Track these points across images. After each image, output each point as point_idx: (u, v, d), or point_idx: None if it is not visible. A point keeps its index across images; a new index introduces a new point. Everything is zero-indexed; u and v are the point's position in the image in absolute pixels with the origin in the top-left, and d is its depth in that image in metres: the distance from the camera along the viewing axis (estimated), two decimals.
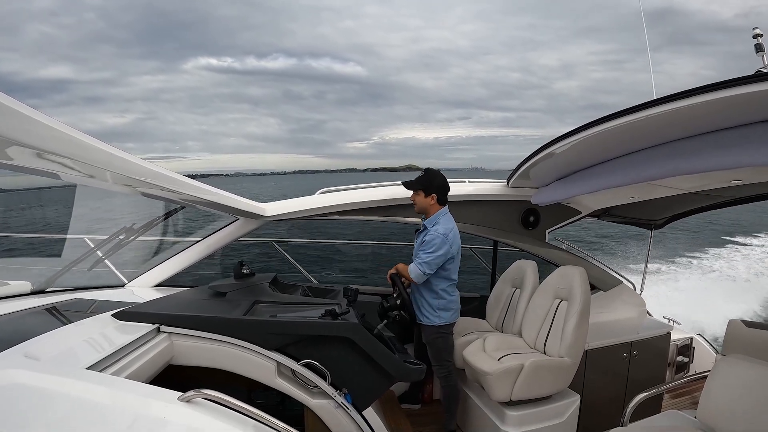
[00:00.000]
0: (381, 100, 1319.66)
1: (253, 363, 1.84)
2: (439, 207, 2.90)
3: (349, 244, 10.65)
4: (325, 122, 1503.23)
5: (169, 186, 2.02)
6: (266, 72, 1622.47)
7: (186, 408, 1.08)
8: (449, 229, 2.82)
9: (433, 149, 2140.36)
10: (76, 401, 1.06)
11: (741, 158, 1.75)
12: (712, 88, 1.54)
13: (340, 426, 1.87)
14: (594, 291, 3.73)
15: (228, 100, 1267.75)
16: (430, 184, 2.86)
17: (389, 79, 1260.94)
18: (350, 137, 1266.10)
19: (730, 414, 1.91)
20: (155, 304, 2.15)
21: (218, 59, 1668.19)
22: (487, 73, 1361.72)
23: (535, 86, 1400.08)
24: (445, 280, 2.90)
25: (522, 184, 3.48)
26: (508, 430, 2.60)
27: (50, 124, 1.20)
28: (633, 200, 3.15)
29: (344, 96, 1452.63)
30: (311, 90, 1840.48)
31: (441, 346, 2.95)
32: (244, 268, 2.68)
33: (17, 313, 1.95)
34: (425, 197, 2.87)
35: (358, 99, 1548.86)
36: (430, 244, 2.77)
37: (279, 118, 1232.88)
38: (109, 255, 2.83)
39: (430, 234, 2.80)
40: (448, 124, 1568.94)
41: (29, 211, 18.41)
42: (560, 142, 2.42)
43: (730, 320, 2.70)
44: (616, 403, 3.04)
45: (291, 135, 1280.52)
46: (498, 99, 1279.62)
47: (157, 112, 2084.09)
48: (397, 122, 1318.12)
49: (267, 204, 3.22)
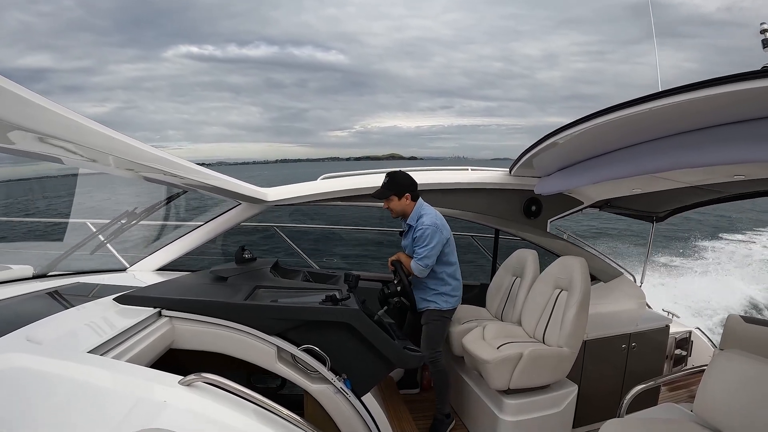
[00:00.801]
0: (363, 88, 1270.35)
1: (254, 347, 1.85)
2: (414, 203, 2.94)
3: (350, 230, 10.67)
4: (307, 111, 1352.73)
5: (172, 170, 2.01)
6: (248, 60, 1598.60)
7: (186, 392, 1.09)
8: (434, 217, 2.87)
9: (415, 138, 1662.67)
10: (77, 385, 1.07)
11: (744, 154, 1.73)
12: (718, 83, 1.52)
13: (339, 411, 1.89)
14: (594, 282, 3.73)
15: (209, 89, 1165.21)
16: (399, 186, 2.90)
17: (372, 68, 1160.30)
18: (332, 126, 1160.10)
19: (727, 408, 1.92)
20: (157, 289, 2.16)
21: (199, 47, 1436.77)
22: (469, 63, 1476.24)
23: (518, 76, 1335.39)
24: (445, 265, 2.94)
25: (525, 173, 3.47)
26: (506, 418, 2.62)
27: (53, 108, 1.20)
28: (635, 192, 3.14)
29: (326, 84, 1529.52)
30: (293, 78, 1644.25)
31: (437, 331, 2.99)
32: (245, 252, 2.69)
33: (19, 297, 1.96)
34: (399, 200, 2.90)
35: (340, 87, 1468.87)
36: (423, 238, 2.80)
37: (261, 107, 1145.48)
38: (110, 239, 2.84)
39: (420, 229, 2.83)
40: (430, 113, 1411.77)
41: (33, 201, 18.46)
42: (564, 132, 2.40)
43: (729, 315, 2.71)
44: (614, 395, 3.06)
45: (273, 123, 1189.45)
46: (480, 88, 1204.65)
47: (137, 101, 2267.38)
48: (379, 111, 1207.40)
49: (269, 189, 3.22)
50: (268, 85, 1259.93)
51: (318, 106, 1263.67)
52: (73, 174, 2.67)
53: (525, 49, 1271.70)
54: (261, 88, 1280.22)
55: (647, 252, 4.41)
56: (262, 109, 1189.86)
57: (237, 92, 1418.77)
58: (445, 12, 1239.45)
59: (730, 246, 14.63)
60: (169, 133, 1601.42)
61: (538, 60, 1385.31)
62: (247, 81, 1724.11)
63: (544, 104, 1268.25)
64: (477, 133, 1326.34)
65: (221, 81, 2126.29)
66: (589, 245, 4.10)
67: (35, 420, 0.91)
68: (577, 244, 3.94)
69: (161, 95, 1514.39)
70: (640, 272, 4.23)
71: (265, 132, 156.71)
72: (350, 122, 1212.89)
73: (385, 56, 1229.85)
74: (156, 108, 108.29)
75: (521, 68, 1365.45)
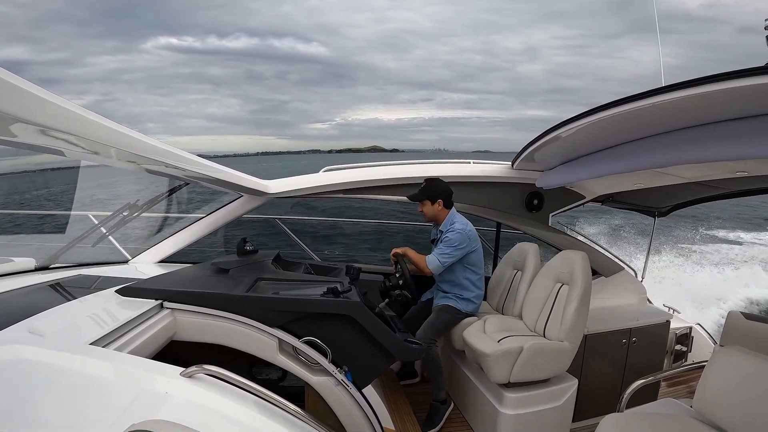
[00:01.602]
0: (344, 80, 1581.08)
1: (255, 339, 1.86)
2: (447, 211, 3.09)
3: (352, 222, 10.67)
4: (287, 103, 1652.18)
5: (174, 162, 2.01)
6: (228, 52, 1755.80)
7: (188, 383, 1.10)
8: (465, 224, 3.03)
9: (396, 130, 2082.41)
10: (79, 376, 1.08)
11: (747, 150, 1.73)
12: (722, 78, 1.51)
13: (339, 403, 1.90)
14: (595, 276, 3.73)
15: (188, 81, 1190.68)
16: (433, 191, 3.04)
17: (352, 60, 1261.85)
18: (312, 118, 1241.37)
19: (726, 405, 1.92)
20: (158, 281, 2.16)
21: (179, 38, 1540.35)
22: (450, 55, 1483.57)
23: (499, 69, 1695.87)
24: (471, 272, 3.09)
25: (527, 167, 3.46)
26: (506, 411, 2.63)
27: (54, 101, 1.20)
28: (638, 187, 3.13)
29: (307, 76, 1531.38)
30: (273, 70, 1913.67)
31: (444, 323, 3.05)
32: (247, 245, 2.70)
33: (22, 289, 1.97)
34: (432, 205, 3.05)
35: (320, 79, 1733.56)
36: (450, 239, 2.95)
37: (240, 99, 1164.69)
38: (112, 231, 2.84)
39: (450, 231, 2.98)
40: (410, 105, 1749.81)
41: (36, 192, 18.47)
42: (567, 126, 2.39)
43: (729, 311, 2.71)
44: (613, 389, 3.07)
45: (253, 116, 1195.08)
46: (461, 81, 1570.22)
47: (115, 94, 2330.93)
48: (359, 103, 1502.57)
49: (271, 181, 3.21)
50: (249, 77, 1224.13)
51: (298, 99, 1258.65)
52: (75, 166, 2.67)
53: (506, 42, 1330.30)
54: (241, 80, 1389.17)
55: (648, 247, 4.40)
56: (242, 102, 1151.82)
57: (217, 84, 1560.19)
58: (427, 4, 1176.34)
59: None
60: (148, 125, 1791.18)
61: (519, 53, 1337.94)
62: (227, 73, 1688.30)
63: (525, 97, 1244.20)
64: (458, 126, 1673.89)
65: (201, 73, 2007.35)
66: (590, 239, 4.10)
67: (38, 412, 0.92)
68: (578, 239, 3.93)
69: (140, 87, 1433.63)
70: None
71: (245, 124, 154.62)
72: (331, 114, 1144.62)
73: (366, 48, 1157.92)
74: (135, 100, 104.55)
75: (502, 61, 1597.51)
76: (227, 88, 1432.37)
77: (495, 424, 2.68)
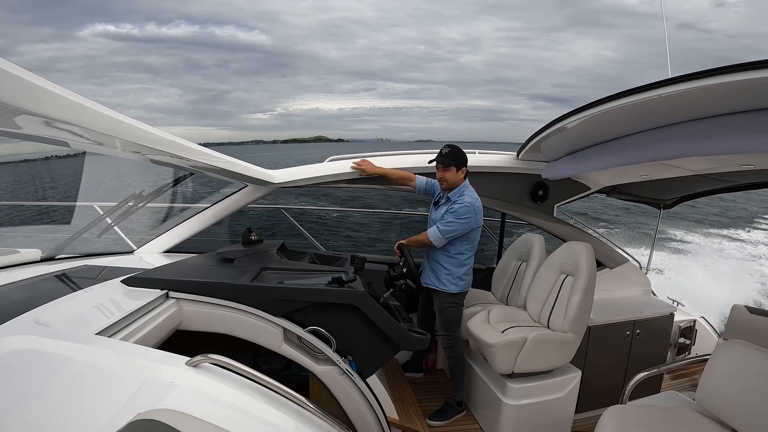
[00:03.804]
0: (286, 70, 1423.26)
1: (260, 329, 1.87)
2: (464, 180, 2.92)
3: (356, 212, 10.66)
4: (228, 93, 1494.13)
5: (178, 153, 2.01)
6: (167, 39, 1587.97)
7: (193, 372, 1.10)
8: (476, 200, 2.85)
9: (339, 120, 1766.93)
10: (86, 366, 1.09)
11: (754, 143, 1.70)
12: (729, 71, 1.49)
13: (344, 392, 1.92)
14: (600, 268, 3.72)
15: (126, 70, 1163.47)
16: (462, 158, 2.85)
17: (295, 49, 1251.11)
18: (254, 108, 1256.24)
19: (729, 398, 1.92)
20: (164, 270, 2.17)
21: (116, 26, 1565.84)
22: (393, 45, 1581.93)
23: (441, 59, 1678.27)
24: (466, 248, 2.92)
25: (532, 158, 3.43)
26: (509, 402, 2.65)
27: (59, 92, 1.20)
28: (643, 179, 3.10)
29: (248, 65, 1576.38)
30: (214, 59, 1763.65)
31: (452, 315, 2.99)
32: (252, 234, 2.70)
33: (28, 280, 1.98)
34: (457, 172, 2.85)
35: (262, 69, 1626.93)
36: (458, 212, 2.78)
37: (180, 89, 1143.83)
38: (118, 222, 2.85)
39: (459, 204, 2.81)
40: (353, 95, 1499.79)
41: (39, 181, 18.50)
42: (573, 117, 2.37)
43: (733, 305, 2.70)
44: (617, 381, 3.07)
45: (193, 106, 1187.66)
46: (403, 71, 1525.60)
47: None
48: (301, 93, 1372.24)
49: (276, 171, 3.21)
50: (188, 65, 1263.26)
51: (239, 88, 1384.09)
52: (80, 154, 2.68)
53: (449, 33, 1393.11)
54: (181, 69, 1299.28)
55: (653, 239, 4.38)
56: (181, 91, 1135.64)
57: (156, 73, 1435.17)
58: None
59: None
60: None
61: (462, 44, 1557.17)
62: (166, 62, 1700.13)
63: (466, 87, 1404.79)
64: (399, 116, 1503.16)
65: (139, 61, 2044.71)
66: (595, 231, 4.08)
67: (44, 401, 0.93)
68: (583, 230, 3.92)
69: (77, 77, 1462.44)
70: None
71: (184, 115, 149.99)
72: (272, 104, 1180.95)
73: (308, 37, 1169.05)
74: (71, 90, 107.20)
75: (444, 52, 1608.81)
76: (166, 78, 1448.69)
77: (498, 415, 2.69)
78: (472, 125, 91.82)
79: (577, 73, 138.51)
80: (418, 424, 2.53)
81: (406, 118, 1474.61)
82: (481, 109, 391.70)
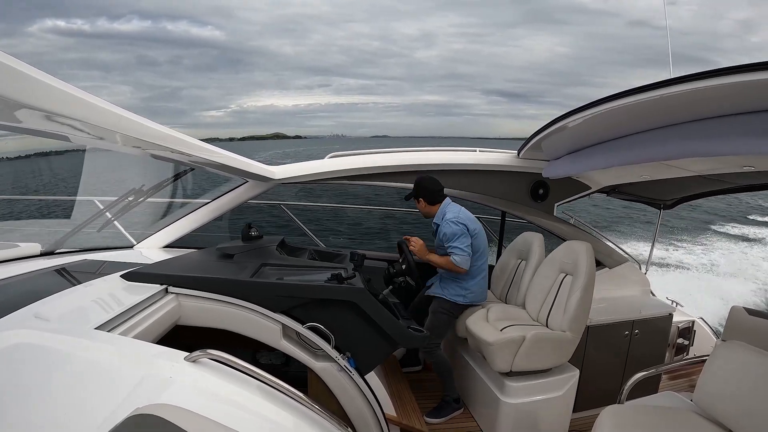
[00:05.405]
0: (240, 66, 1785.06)
1: (259, 325, 1.87)
2: (436, 206, 3.00)
3: (357, 208, 10.66)
4: (182, 90, 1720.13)
5: (179, 148, 2.01)
6: (119, 35, 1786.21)
7: (192, 368, 1.11)
8: (457, 212, 2.94)
9: (294, 117, 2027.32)
10: (84, 361, 1.09)
11: (755, 145, 1.69)
12: (731, 72, 1.48)
13: (342, 389, 1.92)
14: (599, 267, 3.72)
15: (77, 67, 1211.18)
16: (423, 190, 2.97)
17: (249, 45, 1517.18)
18: (207, 105, 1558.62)
19: (727, 399, 1.92)
20: (163, 266, 2.17)
21: (67, 21, 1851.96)
22: (348, 41, 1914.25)
23: (396, 55, 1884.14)
24: (474, 257, 2.95)
25: (533, 156, 3.43)
26: (507, 400, 2.65)
27: (59, 86, 1.20)
28: (644, 179, 3.10)
29: (202, 62, 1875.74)
30: (167, 55, 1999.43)
31: (441, 322, 3.02)
32: (252, 230, 2.70)
33: (27, 274, 1.98)
34: (426, 204, 3.00)
35: (216, 65, 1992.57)
36: (449, 234, 2.85)
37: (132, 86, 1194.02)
38: (118, 216, 2.85)
39: (444, 226, 2.89)
40: (307, 91, 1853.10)
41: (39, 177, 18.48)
42: (574, 116, 2.37)
43: (732, 307, 2.69)
44: (615, 380, 3.07)
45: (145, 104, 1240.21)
46: (358, 66, 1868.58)
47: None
48: (255, 89, 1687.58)
49: (276, 167, 3.21)
50: (141, 62, 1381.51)
51: (193, 85, 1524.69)
52: (81, 150, 2.68)
53: (404, 28, 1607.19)
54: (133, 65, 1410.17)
55: (653, 239, 4.38)
56: (133, 89, 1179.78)
57: (107, 70, 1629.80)
58: None
59: None
60: None
61: (417, 39, 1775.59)
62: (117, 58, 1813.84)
63: (421, 83, 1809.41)
64: (355, 111, 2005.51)
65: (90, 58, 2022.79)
66: (595, 230, 4.08)
67: (43, 395, 0.93)
68: (583, 229, 3.92)
69: None
70: None
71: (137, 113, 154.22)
72: (226, 101, 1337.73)
73: (263, 33, 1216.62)
74: None
75: (399, 47, 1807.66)
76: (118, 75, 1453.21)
77: (496, 413, 2.70)
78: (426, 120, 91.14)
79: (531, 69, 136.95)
80: (416, 422, 2.53)
81: (361, 114, 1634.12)
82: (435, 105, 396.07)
